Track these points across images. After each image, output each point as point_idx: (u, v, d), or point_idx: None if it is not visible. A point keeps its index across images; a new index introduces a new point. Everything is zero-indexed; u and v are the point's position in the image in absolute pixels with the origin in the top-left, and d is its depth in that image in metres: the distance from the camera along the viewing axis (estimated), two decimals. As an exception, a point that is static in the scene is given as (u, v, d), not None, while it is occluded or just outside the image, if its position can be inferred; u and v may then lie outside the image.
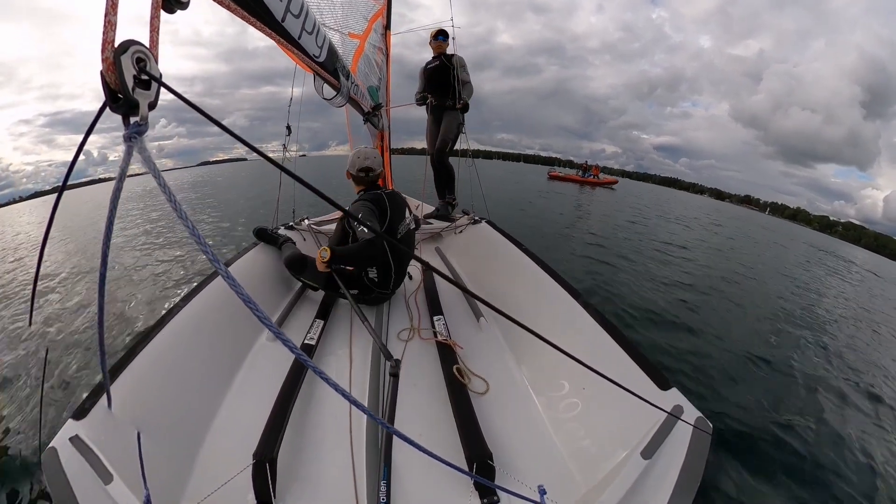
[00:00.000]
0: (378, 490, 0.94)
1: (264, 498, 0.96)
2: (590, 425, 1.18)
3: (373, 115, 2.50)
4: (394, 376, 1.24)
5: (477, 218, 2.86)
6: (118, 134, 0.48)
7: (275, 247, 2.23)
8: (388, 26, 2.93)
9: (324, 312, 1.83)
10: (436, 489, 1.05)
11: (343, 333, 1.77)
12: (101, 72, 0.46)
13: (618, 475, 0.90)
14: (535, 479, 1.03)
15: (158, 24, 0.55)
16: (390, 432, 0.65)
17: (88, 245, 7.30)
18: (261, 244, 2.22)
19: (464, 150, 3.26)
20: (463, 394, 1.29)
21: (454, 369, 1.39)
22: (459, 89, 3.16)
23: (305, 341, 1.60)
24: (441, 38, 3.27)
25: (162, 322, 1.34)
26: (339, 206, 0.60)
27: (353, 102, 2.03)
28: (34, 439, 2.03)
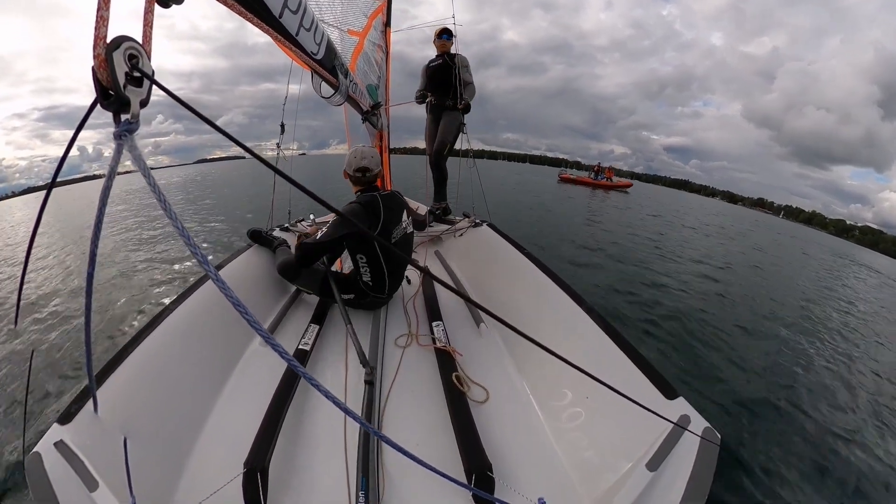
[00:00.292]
0: (375, 502, 0.94)
1: None
2: (593, 435, 1.17)
3: (372, 114, 2.51)
4: (368, 384, 1.24)
5: (478, 221, 2.85)
6: (112, 129, 0.48)
7: (269, 249, 2.24)
8: (388, 23, 2.95)
9: (319, 317, 1.83)
10: (433, 502, 1.04)
11: (339, 339, 1.76)
12: (93, 68, 0.46)
13: (622, 487, 0.89)
14: (536, 491, 1.02)
15: (152, 20, 0.56)
16: (386, 443, 0.65)
17: (79, 244, 7.33)
18: (255, 246, 2.23)
19: (465, 150, 3.27)
20: (462, 402, 1.28)
21: (453, 377, 1.38)
22: (461, 90, 3.19)
23: (300, 346, 1.60)
24: (445, 36, 3.32)
25: (151, 325, 1.34)
26: (331, 208, 0.61)
27: (352, 101, 2.04)
28: (18, 443, 2.03)
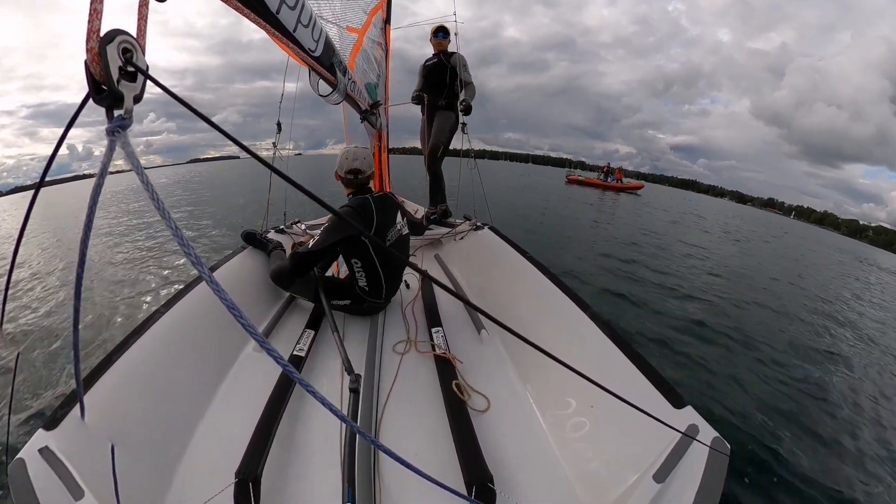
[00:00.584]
0: None
1: None
2: (598, 446, 1.16)
3: (370, 113, 2.52)
4: (353, 392, 1.23)
5: (479, 224, 2.85)
6: (103, 127, 0.48)
7: (264, 252, 2.23)
8: (388, 20, 2.97)
9: (314, 322, 1.83)
10: None
11: (335, 345, 1.76)
12: (86, 62, 0.46)
13: (628, 499, 0.89)
14: (538, 503, 1.02)
15: (147, 13, 0.56)
16: (383, 452, 0.65)
17: (68, 244, 7.33)
18: (249, 248, 2.23)
19: (466, 150, 3.27)
20: (462, 411, 1.28)
21: (453, 385, 1.38)
22: (456, 89, 3.18)
23: (294, 352, 1.59)
24: (441, 34, 3.30)
25: (142, 328, 1.33)
26: (329, 208, 0.61)
27: (350, 100, 2.05)
28: (1, 450, 2.02)
